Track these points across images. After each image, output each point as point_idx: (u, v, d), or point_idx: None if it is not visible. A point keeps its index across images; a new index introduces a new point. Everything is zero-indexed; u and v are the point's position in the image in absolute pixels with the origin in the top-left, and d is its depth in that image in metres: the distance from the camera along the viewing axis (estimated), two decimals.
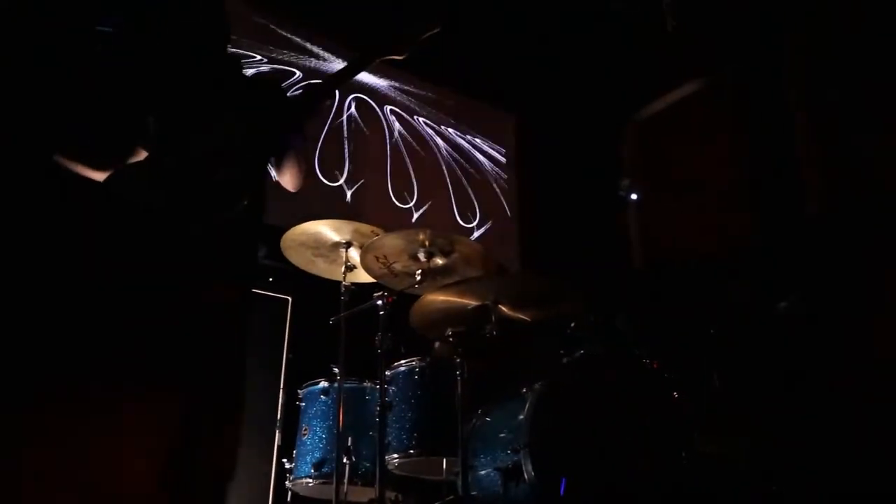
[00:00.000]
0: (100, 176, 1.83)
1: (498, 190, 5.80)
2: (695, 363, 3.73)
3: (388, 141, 5.22)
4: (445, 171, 5.47)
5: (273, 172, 2.28)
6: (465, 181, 5.56)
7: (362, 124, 5.10)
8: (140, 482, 1.61)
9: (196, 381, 1.72)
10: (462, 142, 5.67)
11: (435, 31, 2.09)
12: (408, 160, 5.24)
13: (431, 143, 5.47)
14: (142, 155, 1.91)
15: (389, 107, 5.31)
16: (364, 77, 5.15)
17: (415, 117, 5.43)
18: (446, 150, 5.54)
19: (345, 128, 4.97)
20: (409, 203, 5.21)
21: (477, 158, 5.73)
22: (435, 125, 5.52)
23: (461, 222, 5.48)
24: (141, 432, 1.63)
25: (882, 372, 3.98)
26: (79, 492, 1.54)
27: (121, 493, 1.59)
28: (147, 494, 1.61)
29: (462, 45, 5.53)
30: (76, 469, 1.55)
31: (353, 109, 5.08)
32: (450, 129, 5.61)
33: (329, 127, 4.91)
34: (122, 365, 1.64)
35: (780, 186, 5.07)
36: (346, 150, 4.94)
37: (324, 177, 4.83)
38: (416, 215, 5.19)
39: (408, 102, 5.42)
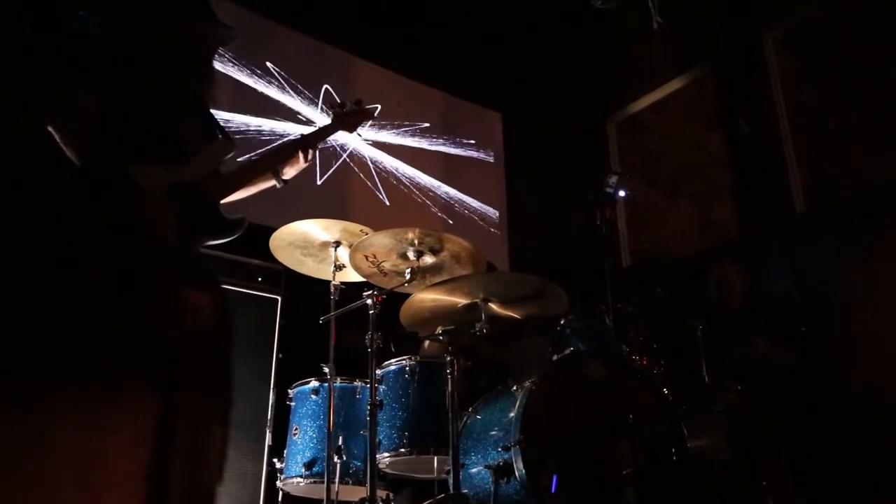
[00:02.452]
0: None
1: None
2: (684, 359, 3.75)
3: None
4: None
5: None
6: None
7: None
8: (124, 483, 1.60)
9: (177, 382, 1.72)
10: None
11: (376, 110, 2.74)
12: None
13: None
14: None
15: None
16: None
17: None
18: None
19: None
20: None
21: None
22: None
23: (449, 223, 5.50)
24: (123, 434, 1.62)
25: (870, 364, 4.03)
26: (58, 491, 1.53)
27: (105, 494, 1.58)
28: (132, 496, 1.60)
29: (446, 44, 5.55)
30: (55, 468, 1.53)
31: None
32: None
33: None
34: (100, 365, 1.63)
35: (766, 182, 5.10)
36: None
37: (313, 179, 4.83)
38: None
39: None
